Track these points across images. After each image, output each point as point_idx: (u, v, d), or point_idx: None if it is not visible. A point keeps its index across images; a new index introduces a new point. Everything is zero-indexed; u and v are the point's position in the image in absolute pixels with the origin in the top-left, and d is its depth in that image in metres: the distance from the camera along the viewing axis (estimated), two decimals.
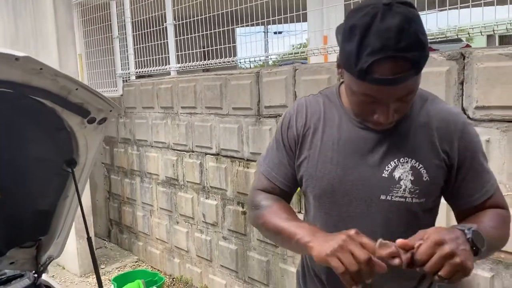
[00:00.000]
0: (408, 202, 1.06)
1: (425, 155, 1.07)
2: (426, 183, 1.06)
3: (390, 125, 1.04)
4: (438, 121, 1.08)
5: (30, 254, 1.72)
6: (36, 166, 1.37)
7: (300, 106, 1.18)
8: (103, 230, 5.12)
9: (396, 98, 0.96)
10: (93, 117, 1.25)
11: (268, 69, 3.04)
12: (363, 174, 1.08)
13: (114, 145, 4.71)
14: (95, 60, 5.09)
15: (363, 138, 1.09)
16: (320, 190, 1.12)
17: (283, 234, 1.06)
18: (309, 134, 1.14)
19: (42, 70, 1.00)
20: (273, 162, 1.20)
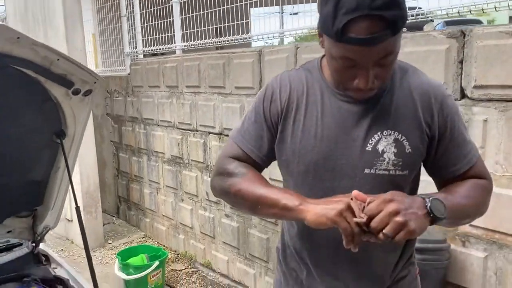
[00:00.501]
0: (391, 174, 1.06)
1: (408, 127, 1.06)
2: (408, 155, 1.06)
3: (371, 93, 1.02)
4: (419, 94, 1.08)
5: (27, 223, 1.78)
6: (26, 137, 1.41)
7: (283, 81, 1.16)
8: (112, 206, 5.23)
9: (375, 60, 0.94)
10: (77, 89, 1.27)
11: (270, 47, 3.02)
12: (347, 148, 1.07)
13: (122, 124, 4.77)
14: (107, 38, 5.12)
15: (346, 112, 1.08)
16: (304, 166, 1.11)
17: (265, 201, 1.04)
18: (292, 109, 1.12)
19: (19, 39, 1.01)
20: (250, 133, 1.16)
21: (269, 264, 3.16)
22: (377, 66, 0.96)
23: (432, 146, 1.09)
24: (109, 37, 5.02)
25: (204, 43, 3.76)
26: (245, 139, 1.16)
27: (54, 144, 1.45)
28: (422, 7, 2.39)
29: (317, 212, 0.95)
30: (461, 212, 1.04)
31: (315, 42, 3.08)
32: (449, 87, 2.04)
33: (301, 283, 1.23)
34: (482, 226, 2.00)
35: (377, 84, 0.99)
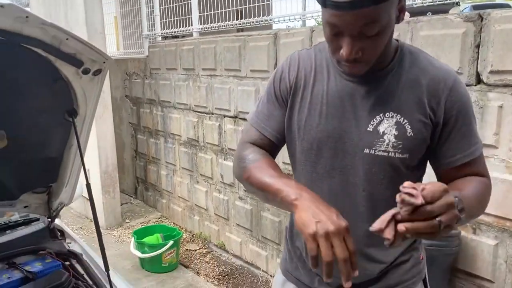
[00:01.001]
0: (391, 156, 1.06)
1: (411, 110, 1.05)
2: (409, 138, 1.05)
3: (359, 67, 1.02)
4: (427, 78, 1.06)
5: (42, 199, 1.84)
6: (39, 115, 1.45)
7: (293, 60, 1.19)
8: (130, 187, 5.34)
9: (357, 28, 0.93)
10: (87, 68, 1.30)
11: (286, 30, 3.00)
12: (350, 127, 1.09)
13: (140, 106, 4.84)
14: (127, 21, 5.16)
15: (350, 92, 1.09)
16: (307, 144, 1.14)
17: (269, 190, 1.06)
18: (301, 87, 1.15)
19: (28, 18, 1.04)
20: (263, 113, 1.20)
21: (281, 247, 3.20)
22: (363, 37, 0.95)
23: (436, 133, 1.07)
24: (130, 19, 5.06)
25: (221, 25, 3.76)
26: (259, 119, 1.20)
27: (66, 123, 1.49)
28: None
29: (302, 217, 0.91)
30: (471, 212, 0.99)
31: None
32: (464, 72, 2.00)
33: (304, 261, 1.26)
34: (493, 214, 1.97)
35: (365, 57, 0.99)
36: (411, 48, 1.13)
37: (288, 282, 1.31)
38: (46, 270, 1.67)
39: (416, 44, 2.12)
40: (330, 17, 0.95)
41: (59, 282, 1.58)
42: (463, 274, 2.13)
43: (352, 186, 1.11)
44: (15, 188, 1.73)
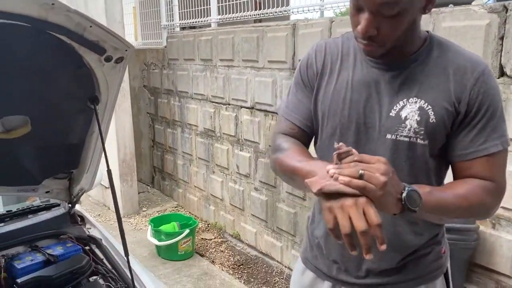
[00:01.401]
0: (412, 142, 1.06)
1: (435, 97, 1.05)
2: (432, 124, 1.05)
3: (374, 50, 1.02)
4: (454, 67, 1.05)
5: (63, 185, 1.88)
6: (62, 102, 1.48)
7: (319, 47, 1.21)
8: (147, 176, 5.41)
9: (374, 5, 0.94)
10: (109, 55, 1.32)
11: (305, 21, 2.99)
12: (372, 113, 1.09)
13: (158, 96, 4.88)
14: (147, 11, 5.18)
15: (375, 78, 1.10)
16: (331, 129, 1.15)
17: (298, 175, 1.06)
18: (326, 73, 1.17)
19: (54, 5, 1.06)
20: (292, 102, 1.23)
21: (296, 238, 3.21)
22: (381, 16, 0.95)
23: (456, 122, 1.06)
24: (148, 9, 5.08)
25: (239, 16, 3.75)
26: (289, 108, 1.22)
27: (88, 109, 1.51)
28: None
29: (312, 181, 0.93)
30: (447, 210, 1.01)
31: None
32: (487, 64, 1.96)
33: (322, 250, 1.26)
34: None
35: (379, 38, 0.99)
36: (441, 40, 1.12)
37: (308, 270, 1.32)
38: (67, 253, 1.72)
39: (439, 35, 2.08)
40: None
41: (80, 266, 1.62)
42: (481, 269, 2.11)
43: None
44: (38, 173, 1.77)
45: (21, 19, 1.07)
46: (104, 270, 1.70)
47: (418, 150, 1.07)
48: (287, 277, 3.23)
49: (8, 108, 1.43)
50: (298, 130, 1.22)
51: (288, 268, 3.30)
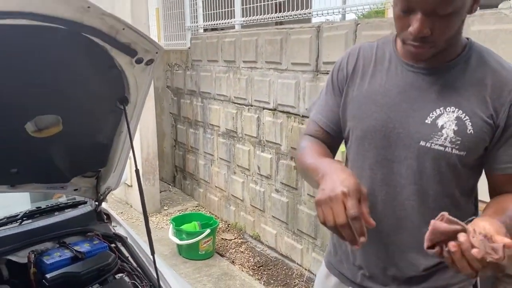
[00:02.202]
0: (447, 152, 1.04)
1: (473, 108, 1.03)
2: (469, 136, 1.03)
3: (426, 52, 1.00)
4: (494, 78, 1.04)
5: (91, 183, 1.92)
6: (92, 102, 1.51)
7: (353, 50, 1.21)
8: (169, 175, 5.47)
9: (429, 4, 0.92)
10: (140, 58, 1.34)
11: (330, 23, 2.98)
12: (406, 117, 1.08)
13: (181, 96, 4.93)
14: (170, 12, 5.25)
15: (411, 83, 1.09)
16: (361, 132, 1.14)
17: (311, 172, 1.06)
18: (358, 76, 1.16)
19: (89, 8, 1.09)
20: (320, 104, 1.25)
21: (317, 241, 3.20)
22: (435, 15, 0.94)
23: (495, 135, 1.04)
24: (171, 11, 5.15)
25: (263, 18, 3.76)
26: (317, 110, 1.25)
27: (117, 110, 1.54)
28: None
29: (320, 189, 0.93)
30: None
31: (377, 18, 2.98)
32: None
33: (348, 255, 1.26)
34: None
35: (433, 38, 0.97)
36: (481, 47, 1.10)
37: (331, 275, 1.31)
38: (94, 250, 1.75)
39: None
40: None
41: (107, 263, 1.65)
42: (509, 278, 2.06)
43: (404, 178, 1.10)
44: (67, 171, 1.82)
45: (57, 21, 1.10)
46: (130, 268, 1.73)
47: (451, 160, 1.05)
48: (307, 280, 3.22)
49: (41, 107, 1.47)
50: (323, 132, 1.23)
51: (309, 271, 3.30)
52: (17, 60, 1.23)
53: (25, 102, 1.41)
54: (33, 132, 1.53)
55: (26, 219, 1.88)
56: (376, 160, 1.12)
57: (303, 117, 3.17)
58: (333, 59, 2.85)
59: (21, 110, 1.44)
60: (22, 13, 1.01)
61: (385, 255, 1.17)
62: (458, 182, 1.09)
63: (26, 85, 1.33)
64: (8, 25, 1.03)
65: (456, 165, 1.06)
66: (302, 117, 3.18)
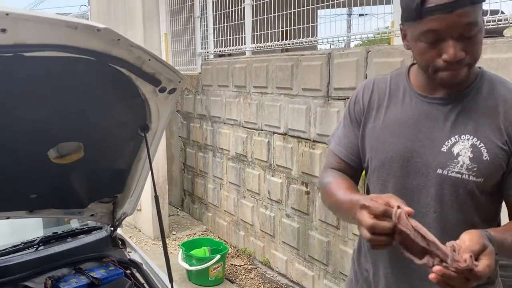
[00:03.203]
0: (464, 179, 1.06)
1: (488, 135, 1.05)
2: (485, 162, 1.05)
3: (461, 71, 1.02)
4: (506, 106, 1.06)
5: (108, 209, 1.93)
6: (114, 129, 1.54)
7: (368, 83, 1.25)
8: (177, 199, 5.46)
9: (458, 29, 0.97)
10: (164, 87, 1.38)
11: (340, 50, 3.02)
12: (423, 147, 1.10)
13: (191, 120, 4.97)
14: (178, 38, 5.36)
15: (426, 113, 1.12)
16: (379, 162, 1.17)
17: (342, 208, 1.11)
18: (374, 108, 1.20)
19: (119, 40, 1.12)
20: (339, 137, 1.28)
21: (329, 268, 3.16)
22: (463, 38, 0.98)
23: (510, 161, 1.06)
24: (180, 37, 5.25)
25: (273, 45, 3.84)
26: (336, 142, 1.28)
27: (138, 137, 1.57)
28: (505, 12, 2.29)
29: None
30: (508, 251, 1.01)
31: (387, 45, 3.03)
32: None
33: (370, 284, 1.25)
34: None
35: (467, 59, 1.00)
36: (492, 76, 1.13)
37: None
38: (110, 277, 1.75)
39: None
40: (429, 24, 0.98)
41: None
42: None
43: (424, 207, 1.11)
44: (85, 197, 1.83)
45: (87, 53, 1.14)
46: None
47: (469, 187, 1.06)
48: None
49: (65, 134, 1.50)
50: (344, 164, 1.26)
51: None
52: (45, 88, 1.27)
53: (50, 128, 1.44)
54: (55, 159, 1.55)
55: (42, 244, 1.88)
56: (395, 190, 1.14)
57: (314, 142, 3.19)
58: (344, 86, 2.89)
59: (45, 137, 1.47)
60: (58, 46, 1.05)
61: (407, 283, 1.17)
62: (478, 209, 1.10)
63: (52, 112, 1.36)
64: (43, 56, 1.06)
65: (474, 192, 1.07)
66: (313, 142, 3.20)
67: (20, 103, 1.26)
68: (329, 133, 2.99)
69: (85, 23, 1.03)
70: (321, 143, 3.12)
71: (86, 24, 1.03)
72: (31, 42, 1.03)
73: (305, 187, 3.31)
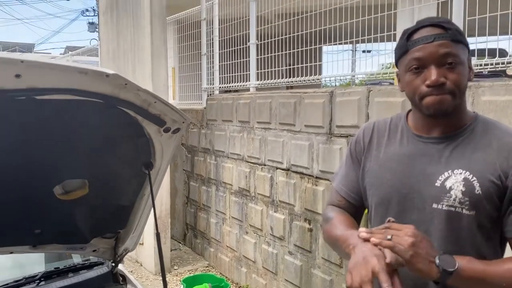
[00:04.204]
0: (458, 212, 1.09)
1: (480, 169, 1.09)
2: (477, 196, 1.08)
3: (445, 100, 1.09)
4: (500, 143, 1.11)
5: (110, 244, 1.95)
6: (119, 166, 1.58)
7: (368, 125, 1.32)
8: (180, 233, 5.44)
9: (438, 58, 1.07)
10: (168, 127, 1.42)
11: (342, 89, 3.09)
12: (418, 183, 1.14)
13: (195, 154, 5.02)
14: (185, 74, 5.49)
15: (421, 151, 1.17)
16: (378, 198, 1.21)
17: (341, 244, 1.13)
18: (373, 148, 1.26)
19: (127, 85, 1.18)
20: (342, 176, 1.33)
21: None
22: (442, 65, 1.08)
23: (506, 197, 1.08)
24: (187, 73, 5.38)
25: (277, 82, 3.93)
26: (338, 181, 1.33)
27: (142, 174, 1.61)
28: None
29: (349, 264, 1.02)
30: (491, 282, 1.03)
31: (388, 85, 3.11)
32: None
33: None
34: None
35: (449, 85, 1.08)
36: (486, 119, 1.19)
37: None
38: None
39: (478, 109, 2.13)
40: (416, 53, 1.10)
41: None
42: None
43: None
44: (88, 232, 1.85)
45: (96, 96, 1.19)
46: None
47: (463, 221, 1.09)
48: None
49: (71, 171, 1.54)
50: (345, 202, 1.30)
51: None
52: (54, 128, 1.32)
53: (56, 166, 1.48)
54: (60, 195, 1.59)
55: (44, 279, 1.89)
56: None
57: (317, 178, 3.21)
58: (347, 123, 2.94)
59: (51, 174, 1.51)
60: (68, 90, 1.10)
61: None
62: (474, 244, 1.12)
63: (59, 150, 1.41)
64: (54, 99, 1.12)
65: (469, 226, 1.09)
66: (316, 178, 3.22)
67: (29, 141, 1.31)
68: (332, 170, 3.02)
69: (95, 69, 1.09)
70: (324, 180, 3.14)
71: (96, 70, 1.09)
72: (43, 86, 1.09)
73: (308, 224, 3.31)
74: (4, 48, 20.49)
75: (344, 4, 3.24)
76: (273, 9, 3.94)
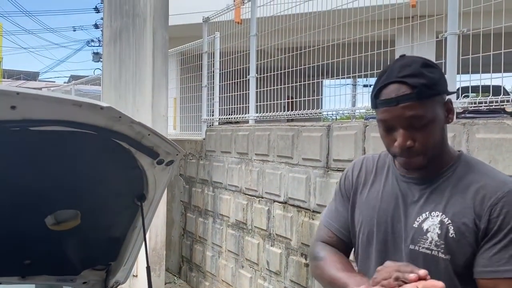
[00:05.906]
0: (434, 255, 1.08)
1: (456, 212, 1.08)
2: (451, 239, 1.07)
3: (416, 158, 1.08)
4: (478, 185, 1.09)
5: (101, 276, 1.92)
6: (111, 198, 1.58)
7: (357, 162, 1.32)
8: (175, 266, 5.35)
9: (404, 121, 1.05)
10: (161, 159, 1.43)
11: (339, 123, 3.12)
12: (398, 223, 1.15)
13: (193, 185, 5.01)
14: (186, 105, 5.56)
15: (403, 192, 1.17)
16: (364, 236, 1.21)
17: (337, 285, 1.12)
18: (361, 184, 1.26)
19: (121, 118, 1.20)
20: (331, 211, 1.32)
21: None
22: (413, 128, 1.06)
23: (479, 240, 1.07)
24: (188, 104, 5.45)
25: (277, 115, 3.97)
26: (327, 216, 1.32)
27: (134, 206, 1.60)
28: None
29: None
30: None
31: None
32: None
33: None
34: None
35: (418, 147, 1.07)
36: (470, 159, 1.18)
37: None
38: None
39: (472, 146, 2.14)
40: (382, 114, 1.09)
41: None
42: None
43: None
44: (78, 264, 1.83)
45: (90, 128, 1.20)
46: None
47: (440, 264, 1.08)
48: None
49: (62, 202, 1.54)
50: (335, 238, 1.29)
51: None
52: (47, 158, 1.33)
53: (48, 196, 1.48)
54: (52, 226, 1.58)
55: None
56: (377, 264, 1.15)
57: (313, 212, 3.18)
58: (343, 157, 2.94)
59: (43, 204, 1.51)
60: (62, 121, 1.12)
61: None
62: None
63: (52, 181, 1.41)
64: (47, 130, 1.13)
65: (447, 270, 1.08)
66: (312, 212, 3.19)
67: (22, 172, 1.31)
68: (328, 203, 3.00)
69: (89, 102, 1.11)
70: (321, 214, 3.11)
71: (90, 102, 1.11)
72: (38, 117, 1.10)
73: (305, 259, 3.26)
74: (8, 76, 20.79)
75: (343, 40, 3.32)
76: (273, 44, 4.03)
